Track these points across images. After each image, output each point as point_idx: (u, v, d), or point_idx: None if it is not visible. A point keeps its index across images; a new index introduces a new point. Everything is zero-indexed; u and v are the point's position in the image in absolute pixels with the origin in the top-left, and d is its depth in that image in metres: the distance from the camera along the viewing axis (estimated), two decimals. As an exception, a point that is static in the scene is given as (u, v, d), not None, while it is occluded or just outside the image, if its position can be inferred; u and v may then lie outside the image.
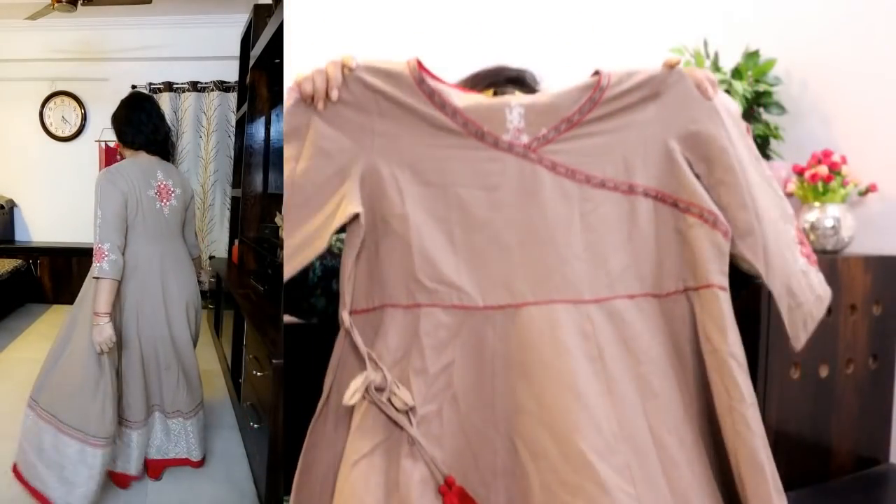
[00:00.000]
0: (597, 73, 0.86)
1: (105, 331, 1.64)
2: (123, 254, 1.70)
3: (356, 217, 0.77)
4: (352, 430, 0.77)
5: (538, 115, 0.82)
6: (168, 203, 1.81)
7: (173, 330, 1.86)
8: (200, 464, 1.98)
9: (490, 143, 0.82)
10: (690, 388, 0.82)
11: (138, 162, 1.83)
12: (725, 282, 0.82)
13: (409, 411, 0.76)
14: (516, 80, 1.10)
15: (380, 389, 0.76)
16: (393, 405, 0.75)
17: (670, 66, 0.87)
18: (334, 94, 0.82)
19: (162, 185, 1.80)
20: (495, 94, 0.88)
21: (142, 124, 1.83)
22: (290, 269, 0.80)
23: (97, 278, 1.65)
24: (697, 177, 0.84)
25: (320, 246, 0.78)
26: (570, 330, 0.78)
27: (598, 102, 0.83)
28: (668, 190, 0.84)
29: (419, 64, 0.84)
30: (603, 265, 0.82)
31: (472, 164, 0.81)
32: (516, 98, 0.84)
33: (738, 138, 0.85)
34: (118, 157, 1.93)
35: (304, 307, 1.03)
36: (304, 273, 0.98)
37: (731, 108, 0.88)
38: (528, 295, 0.79)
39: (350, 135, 0.81)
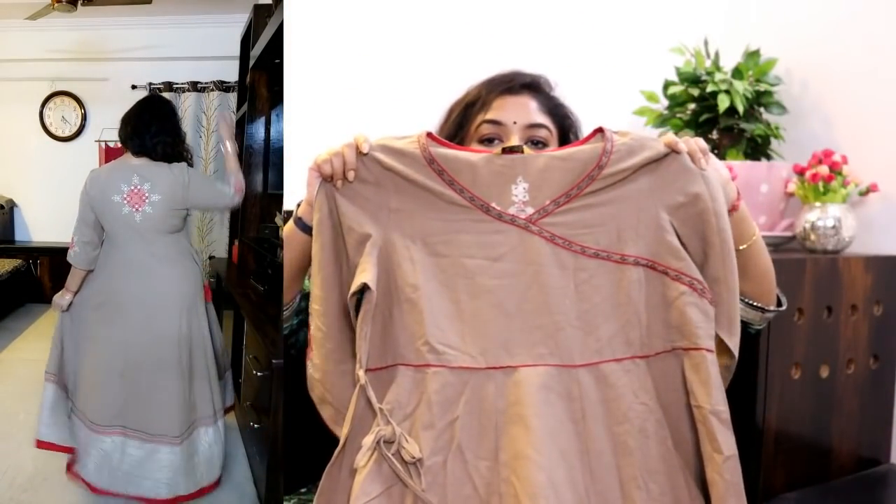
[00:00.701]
0: (600, 130, 0.93)
1: (64, 298, 1.88)
2: (98, 249, 1.86)
3: (367, 288, 0.86)
4: (363, 472, 0.84)
5: (540, 191, 0.90)
6: (140, 209, 1.79)
7: (158, 331, 1.82)
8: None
9: (494, 216, 0.90)
10: (681, 433, 0.90)
11: (118, 165, 1.85)
12: (713, 345, 0.89)
13: (416, 462, 0.84)
14: (531, 86, 1.10)
15: (389, 442, 0.84)
16: (402, 457, 0.84)
17: (671, 148, 0.91)
18: (350, 176, 0.90)
19: (134, 190, 1.79)
20: (504, 151, 0.93)
21: (140, 127, 1.82)
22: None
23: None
24: (684, 245, 0.90)
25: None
26: (559, 392, 0.87)
27: (595, 179, 0.90)
28: (659, 258, 0.90)
29: (429, 136, 0.93)
30: (594, 332, 0.89)
31: (477, 236, 0.90)
32: (523, 163, 0.91)
33: (722, 207, 0.91)
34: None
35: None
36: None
37: (722, 173, 0.94)
38: (526, 357, 0.88)
39: (368, 211, 0.91)
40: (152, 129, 1.83)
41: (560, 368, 0.88)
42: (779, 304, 1.07)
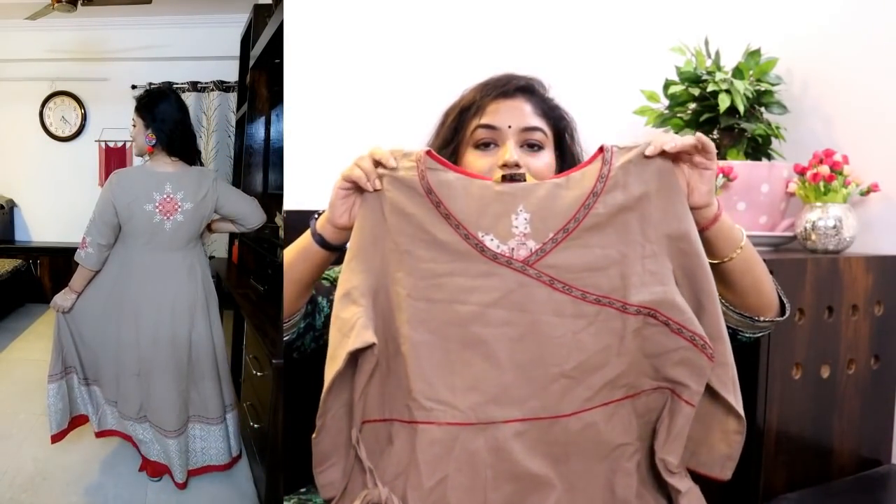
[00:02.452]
0: (601, 150, 0.90)
1: (67, 299, 1.85)
2: (109, 251, 1.83)
3: (371, 346, 0.83)
4: None
5: (544, 222, 0.86)
6: (172, 217, 1.79)
7: (177, 332, 1.85)
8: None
9: (489, 258, 0.86)
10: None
11: (149, 171, 1.82)
12: (697, 401, 0.87)
13: None
14: (525, 89, 1.10)
15: None
16: None
17: (661, 152, 0.88)
18: (373, 185, 0.88)
19: (167, 199, 1.78)
20: (504, 178, 0.92)
21: (182, 129, 1.81)
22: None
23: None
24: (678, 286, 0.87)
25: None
26: (547, 441, 0.87)
27: (591, 208, 0.86)
28: (662, 309, 0.86)
29: (428, 154, 0.90)
30: (587, 380, 0.87)
31: (471, 280, 0.86)
32: (524, 191, 0.88)
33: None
34: (137, 154, 1.92)
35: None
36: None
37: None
38: (516, 412, 0.86)
39: (376, 245, 0.88)
40: (190, 130, 1.83)
41: (550, 420, 0.86)
42: (781, 312, 1.04)
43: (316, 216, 0.96)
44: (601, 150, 0.90)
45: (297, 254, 0.97)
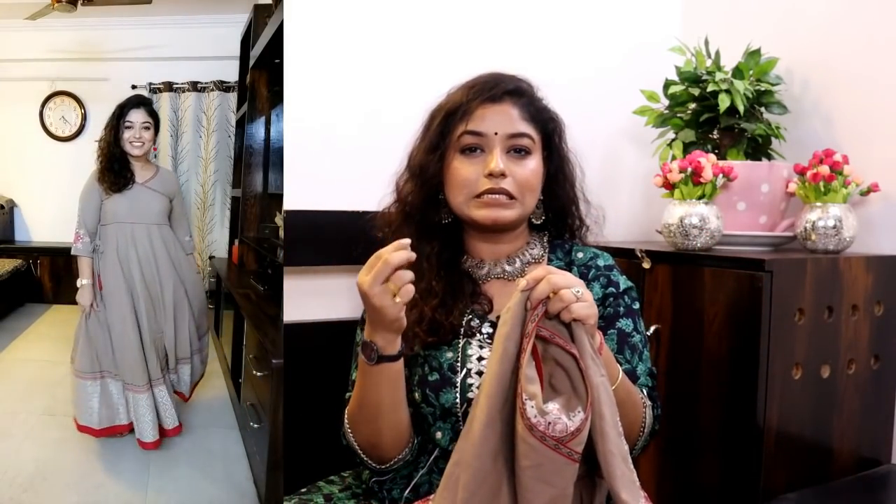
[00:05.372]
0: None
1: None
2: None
3: None
4: None
5: (570, 406, 0.85)
6: None
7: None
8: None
9: (527, 426, 0.83)
10: None
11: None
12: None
13: None
14: (513, 93, 1.09)
15: None
16: None
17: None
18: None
19: None
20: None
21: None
22: None
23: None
24: None
25: None
26: None
27: (592, 393, 0.85)
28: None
29: None
30: None
31: (508, 439, 0.86)
32: None
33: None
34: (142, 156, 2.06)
35: None
36: None
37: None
38: None
39: None
40: None
41: None
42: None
43: (360, 328, 0.97)
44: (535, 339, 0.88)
45: (374, 389, 0.97)
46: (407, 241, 0.87)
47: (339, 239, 1.50)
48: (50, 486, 1.97)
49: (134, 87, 4.41)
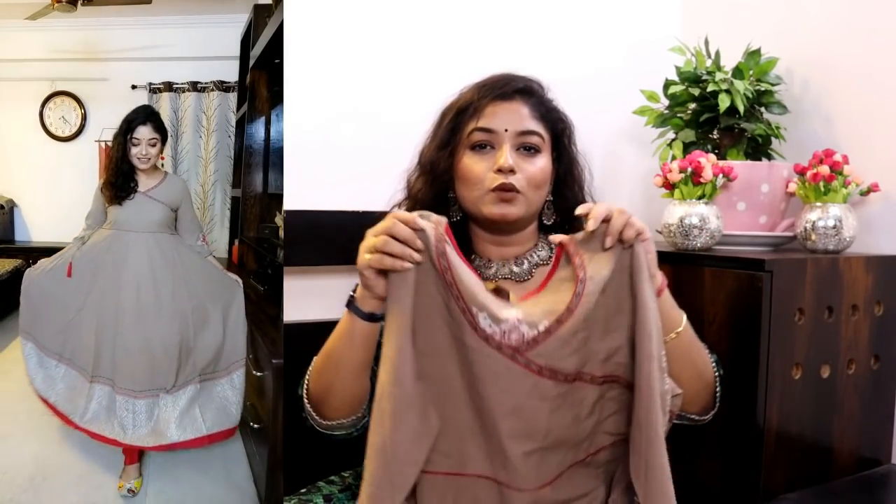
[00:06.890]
0: (561, 246, 0.95)
1: None
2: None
3: None
4: None
5: (533, 321, 0.89)
6: None
7: None
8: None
9: (482, 337, 0.87)
10: None
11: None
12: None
13: None
14: (523, 91, 1.10)
15: None
16: None
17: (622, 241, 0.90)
18: (416, 257, 0.87)
19: None
20: (497, 289, 0.96)
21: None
22: None
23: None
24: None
25: None
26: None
27: (574, 309, 0.89)
28: (626, 374, 0.92)
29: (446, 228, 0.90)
30: (555, 453, 0.92)
31: (463, 353, 0.88)
32: (514, 300, 0.92)
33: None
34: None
35: None
36: None
37: (650, 256, 0.94)
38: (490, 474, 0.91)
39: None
40: None
41: (520, 492, 0.91)
42: (713, 406, 1.06)
43: (353, 292, 0.96)
44: (561, 247, 0.93)
45: (343, 342, 0.97)
46: (424, 222, 0.88)
47: (339, 239, 1.50)
48: (50, 486, 1.97)
49: (134, 87, 4.40)
